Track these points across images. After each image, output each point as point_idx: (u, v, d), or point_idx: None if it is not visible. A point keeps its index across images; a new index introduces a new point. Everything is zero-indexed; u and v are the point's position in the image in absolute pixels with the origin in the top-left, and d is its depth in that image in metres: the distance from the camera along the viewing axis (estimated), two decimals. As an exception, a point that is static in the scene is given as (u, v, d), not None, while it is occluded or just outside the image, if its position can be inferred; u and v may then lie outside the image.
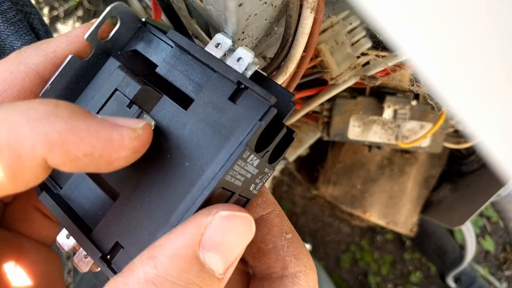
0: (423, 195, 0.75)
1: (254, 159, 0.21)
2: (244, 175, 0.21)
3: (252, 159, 0.20)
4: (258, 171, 0.22)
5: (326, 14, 0.39)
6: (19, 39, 0.40)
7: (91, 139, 0.17)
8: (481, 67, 0.12)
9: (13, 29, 0.39)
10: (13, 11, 0.39)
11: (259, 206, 0.25)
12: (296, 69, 0.32)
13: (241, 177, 0.21)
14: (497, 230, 1.22)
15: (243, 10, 0.24)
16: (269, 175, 0.24)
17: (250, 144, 0.19)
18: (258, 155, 0.21)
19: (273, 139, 0.22)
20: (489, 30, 0.11)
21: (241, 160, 0.20)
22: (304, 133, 0.68)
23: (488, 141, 0.13)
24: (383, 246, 1.21)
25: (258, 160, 0.21)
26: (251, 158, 0.20)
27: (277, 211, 0.25)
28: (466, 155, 0.71)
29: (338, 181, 0.74)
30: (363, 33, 0.41)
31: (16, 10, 0.39)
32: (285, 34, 0.28)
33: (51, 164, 0.17)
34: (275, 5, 0.26)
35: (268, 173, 0.23)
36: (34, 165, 0.16)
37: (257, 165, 0.21)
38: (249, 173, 0.21)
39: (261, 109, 0.19)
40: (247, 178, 0.21)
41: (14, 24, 0.39)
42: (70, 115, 0.17)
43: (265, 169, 0.23)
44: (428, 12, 0.11)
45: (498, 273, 1.19)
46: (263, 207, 0.25)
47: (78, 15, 1.18)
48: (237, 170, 0.20)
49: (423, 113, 0.53)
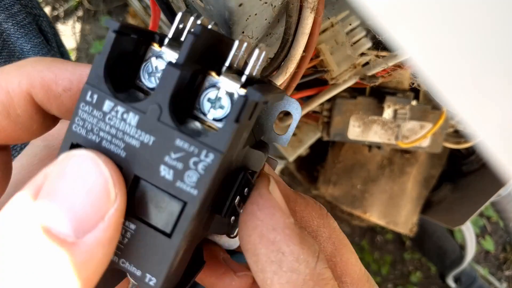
0: (423, 195, 0.75)
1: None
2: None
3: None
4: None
5: (326, 14, 0.39)
6: (28, 41, 0.40)
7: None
8: (481, 66, 0.12)
9: (23, 32, 0.39)
10: (23, 14, 0.39)
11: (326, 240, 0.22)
12: (296, 69, 0.32)
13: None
14: (497, 230, 1.22)
15: (243, 10, 0.24)
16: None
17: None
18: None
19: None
20: (488, 29, 0.11)
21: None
22: (304, 133, 0.68)
23: (488, 141, 0.13)
24: (383, 246, 1.21)
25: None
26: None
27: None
28: (466, 155, 0.71)
29: (338, 181, 0.74)
30: (363, 33, 0.41)
31: (26, 12, 0.40)
32: (285, 34, 0.28)
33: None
34: (275, 5, 0.26)
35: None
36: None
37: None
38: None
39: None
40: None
41: (24, 26, 0.39)
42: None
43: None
44: (427, 11, 0.11)
45: (498, 273, 1.19)
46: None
47: (78, 15, 1.18)
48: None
49: (423, 113, 0.53)
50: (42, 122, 0.20)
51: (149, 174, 0.17)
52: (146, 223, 0.18)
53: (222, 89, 0.18)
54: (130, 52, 0.18)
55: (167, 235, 0.17)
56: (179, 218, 0.17)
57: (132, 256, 0.18)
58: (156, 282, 0.18)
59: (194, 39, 0.17)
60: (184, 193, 0.17)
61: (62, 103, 0.19)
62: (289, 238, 0.18)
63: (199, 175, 0.17)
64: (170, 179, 0.17)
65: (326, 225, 0.23)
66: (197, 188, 0.17)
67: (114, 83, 0.18)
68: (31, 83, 0.18)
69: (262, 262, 0.18)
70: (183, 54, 0.17)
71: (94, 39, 1.17)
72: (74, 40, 1.18)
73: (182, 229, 0.17)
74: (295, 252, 0.18)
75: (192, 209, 0.17)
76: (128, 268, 0.18)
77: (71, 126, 0.18)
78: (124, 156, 0.17)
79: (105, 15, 1.18)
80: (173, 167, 0.17)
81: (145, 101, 0.17)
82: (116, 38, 0.17)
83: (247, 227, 0.19)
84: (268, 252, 0.18)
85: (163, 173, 0.17)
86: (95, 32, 1.18)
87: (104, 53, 0.17)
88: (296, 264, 0.18)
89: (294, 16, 0.26)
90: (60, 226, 0.15)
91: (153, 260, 0.18)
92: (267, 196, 0.19)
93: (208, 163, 0.16)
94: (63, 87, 0.19)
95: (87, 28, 1.18)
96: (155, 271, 0.18)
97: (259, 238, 0.18)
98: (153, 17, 0.34)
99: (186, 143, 0.17)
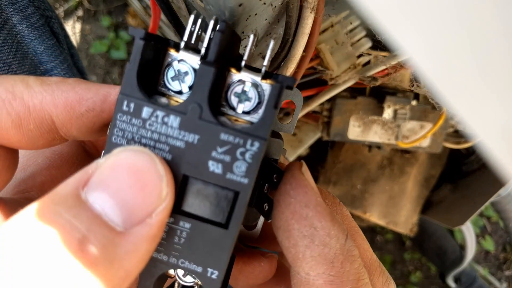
0: (423, 195, 0.75)
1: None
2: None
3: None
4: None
5: (326, 14, 0.39)
6: (42, 43, 0.40)
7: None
8: (481, 66, 0.12)
9: (37, 34, 0.40)
10: (37, 16, 0.40)
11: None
12: (296, 69, 0.32)
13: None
14: (497, 230, 1.22)
15: (243, 10, 0.24)
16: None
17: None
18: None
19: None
20: (489, 29, 0.11)
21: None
22: (304, 133, 0.68)
23: (488, 141, 0.13)
24: (383, 246, 1.21)
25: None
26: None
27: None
28: (466, 155, 0.71)
29: (338, 181, 0.74)
30: (363, 33, 0.41)
31: (39, 14, 0.40)
32: (285, 34, 0.28)
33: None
34: (275, 5, 0.26)
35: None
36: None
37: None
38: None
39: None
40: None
41: (37, 28, 0.40)
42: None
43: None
44: (428, 11, 0.11)
45: (498, 273, 1.19)
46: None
47: (78, 15, 1.18)
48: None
49: (423, 113, 0.53)
50: (49, 141, 0.20)
51: (198, 171, 0.18)
52: (201, 219, 0.18)
53: (247, 83, 0.19)
54: (151, 59, 0.19)
55: (224, 227, 0.18)
56: (233, 208, 0.18)
57: (191, 254, 0.19)
58: (218, 274, 0.19)
59: (221, 36, 0.18)
60: (235, 183, 0.18)
61: (84, 123, 0.19)
62: (321, 214, 0.19)
63: (247, 164, 0.18)
64: (220, 173, 0.18)
65: (339, 212, 0.23)
66: (247, 176, 0.18)
67: (145, 91, 0.18)
68: (54, 103, 0.19)
69: (295, 237, 0.19)
70: (213, 51, 0.18)
71: (94, 39, 1.17)
72: (74, 40, 1.18)
73: (237, 218, 0.18)
74: (326, 227, 0.19)
75: (245, 197, 0.18)
76: (188, 267, 0.19)
77: (110, 139, 0.18)
78: (170, 159, 0.18)
79: (105, 15, 1.18)
80: (221, 160, 0.18)
81: (184, 102, 0.18)
82: (144, 45, 0.17)
83: (280, 205, 0.19)
84: (301, 227, 0.19)
85: (212, 168, 0.18)
86: (95, 32, 1.18)
87: (134, 61, 0.18)
88: (327, 238, 0.19)
89: (294, 16, 0.26)
90: (111, 214, 0.16)
91: (212, 253, 0.18)
92: (300, 177, 0.20)
93: (254, 151, 0.17)
94: (86, 107, 0.19)
95: (87, 28, 1.18)
96: (215, 263, 0.19)
97: (292, 215, 0.19)
98: (154, 17, 0.34)
99: (231, 136, 0.17)
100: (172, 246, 0.19)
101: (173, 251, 0.19)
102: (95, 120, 0.19)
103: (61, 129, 0.20)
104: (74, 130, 0.20)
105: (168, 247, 0.19)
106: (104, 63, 1.17)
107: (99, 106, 0.19)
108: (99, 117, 0.19)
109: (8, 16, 0.38)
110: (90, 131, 0.20)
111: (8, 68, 0.37)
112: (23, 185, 0.22)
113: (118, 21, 1.18)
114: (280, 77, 0.18)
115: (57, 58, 0.42)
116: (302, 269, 0.19)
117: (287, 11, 0.26)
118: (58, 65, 0.42)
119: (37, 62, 0.41)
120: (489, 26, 0.11)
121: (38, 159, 0.23)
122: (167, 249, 0.19)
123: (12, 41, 0.38)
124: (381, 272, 0.23)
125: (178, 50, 0.19)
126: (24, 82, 0.19)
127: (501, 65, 0.11)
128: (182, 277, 0.20)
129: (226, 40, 0.19)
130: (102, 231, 0.15)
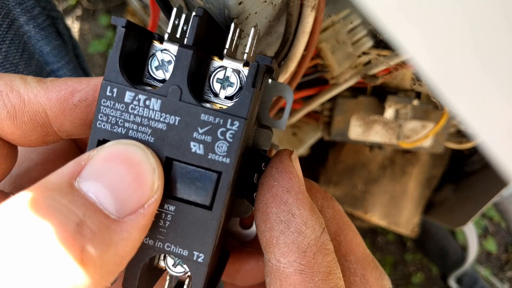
0: (425, 196, 0.75)
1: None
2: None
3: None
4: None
5: (326, 14, 0.39)
6: (48, 44, 0.40)
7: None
8: (483, 66, 0.11)
9: (43, 34, 0.40)
10: (43, 16, 0.40)
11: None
12: (297, 68, 0.32)
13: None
14: (499, 231, 1.21)
15: (243, 8, 0.24)
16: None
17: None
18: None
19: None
20: (491, 29, 0.11)
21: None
22: (305, 133, 0.67)
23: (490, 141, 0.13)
24: (384, 247, 1.20)
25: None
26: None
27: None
28: (468, 155, 0.71)
29: (339, 181, 0.74)
30: (364, 32, 0.41)
31: (45, 15, 0.40)
32: (286, 33, 0.27)
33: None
34: (275, 3, 0.26)
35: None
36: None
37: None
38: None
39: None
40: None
41: (44, 29, 0.40)
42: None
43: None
44: (430, 10, 0.11)
45: (500, 274, 1.19)
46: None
47: (77, 15, 1.18)
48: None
49: (425, 113, 0.52)
50: (43, 135, 0.20)
51: (180, 153, 0.18)
52: (185, 201, 0.19)
53: (229, 68, 0.19)
54: (134, 51, 0.19)
55: (208, 208, 0.18)
56: (216, 189, 0.18)
57: (176, 237, 0.19)
58: (204, 257, 0.19)
59: (198, 20, 0.18)
60: (217, 163, 0.18)
61: (77, 115, 0.20)
62: (301, 202, 0.19)
63: (228, 143, 0.18)
64: (202, 153, 0.18)
65: (331, 206, 0.23)
66: (229, 156, 0.18)
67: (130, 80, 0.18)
68: (48, 96, 0.19)
69: (271, 220, 0.19)
70: (191, 35, 0.19)
71: (93, 38, 1.17)
72: (75, 40, 1.18)
73: (221, 199, 0.18)
74: (304, 216, 0.19)
75: (228, 177, 0.18)
76: (174, 251, 0.19)
77: (95, 124, 0.18)
78: (152, 141, 0.18)
79: (103, 14, 1.17)
80: (202, 141, 0.18)
81: (164, 85, 0.18)
82: (126, 33, 0.18)
83: (263, 187, 0.20)
84: (278, 211, 0.19)
85: (193, 148, 0.18)
86: (93, 31, 1.18)
87: (116, 48, 0.18)
88: (303, 227, 0.19)
89: (294, 15, 0.26)
90: (105, 203, 0.16)
91: (197, 236, 0.19)
92: (287, 162, 0.20)
93: (235, 131, 0.18)
94: (79, 98, 0.20)
95: (86, 27, 1.18)
96: (201, 246, 0.19)
97: (272, 198, 0.19)
98: (153, 16, 0.34)
99: (211, 117, 0.18)
100: (158, 230, 0.19)
101: (159, 235, 0.19)
102: (88, 110, 0.20)
103: (55, 123, 0.20)
104: (67, 124, 0.20)
105: (153, 231, 0.19)
106: (102, 62, 1.17)
107: (91, 95, 0.20)
108: (91, 108, 0.20)
109: (15, 17, 0.38)
110: (84, 123, 0.20)
111: (15, 68, 0.38)
112: (19, 180, 0.23)
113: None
114: (258, 57, 0.18)
115: (63, 59, 0.42)
116: (274, 255, 0.19)
117: (288, 9, 0.26)
118: (64, 66, 0.42)
119: (44, 62, 0.41)
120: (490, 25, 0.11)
121: (32, 155, 0.24)
122: (152, 234, 0.19)
123: (19, 41, 0.38)
124: (374, 266, 0.23)
125: (162, 42, 0.20)
126: (23, 79, 0.20)
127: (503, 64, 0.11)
128: (173, 267, 0.20)
129: (204, 25, 0.19)
130: (98, 217, 0.16)
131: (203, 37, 0.20)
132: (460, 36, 0.11)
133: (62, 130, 0.20)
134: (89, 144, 0.19)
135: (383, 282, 0.23)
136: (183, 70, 0.18)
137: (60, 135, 0.21)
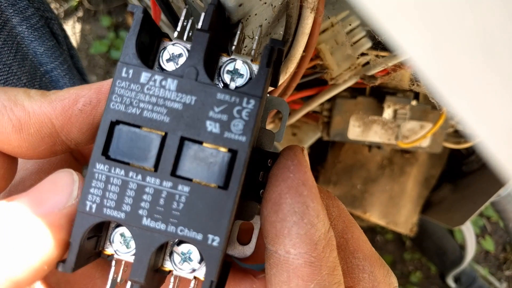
0: (423, 195, 0.75)
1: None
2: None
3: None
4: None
5: (326, 14, 0.39)
6: (42, 44, 0.40)
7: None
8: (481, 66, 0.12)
9: (37, 35, 0.40)
10: (36, 17, 0.40)
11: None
12: (296, 69, 0.32)
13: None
14: (497, 230, 1.21)
15: (243, 10, 0.24)
16: None
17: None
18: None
19: None
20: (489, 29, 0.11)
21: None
22: (304, 133, 0.68)
23: (488, 141, 0.13)
24: (383, 246, 1.21)
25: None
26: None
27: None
28: (466, 155, 0.71)
29: (338, 181, 0.74)
30: (363, 33, 0.41)
31: (39, 16, 0.40)
32: (285, 34, 0.28)
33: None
34: (275, 5, 0.26)
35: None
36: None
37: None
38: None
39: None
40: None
41: (37, 30, 0.40)
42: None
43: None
44: (428, 11, 0.11)
45: (498, 273, 1.19)
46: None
47: (78, 16, 1.18)
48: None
49: (423, 113, 0.53)
50: (51, 146, 0.20)
51: (196, 132, 0.18)
52: (199, 182, 0.18)
53: (238, 60, 0.20)
54: (146, 45, 0.20)
55: (223, 188, 0.18)
56: (231, 168, 0.18)
57: (190, 220, 0.18)
58: (219, 241, 0.18)
59: (213, 8, 0.19)
60: (232, 141, 0.18)
61: (83, 119, 0.20)
62: (315, 196, 0.19)
63: (244, 121, 0.18)
64: (218, 132, 0.18)
65: (335, 205, 0.23)
66: (245, 134, 0.18)
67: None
68: (52, 106, 0.20)
69: (284, 211, 0.19)
70: (206, 20, 0.19)
71: (94, 39, 1.17)
72: (74, 40, 1.18)
73: (237, 178, 0.18)
74: (317, 209, 0.19)
75: (244, 155, 0.18)
76: (188, 235, 0.18)
77: (108, 105, 0.19)
78: (168, 121, 0.18)
79: (105, 15, 1.18)
80: (218, 120, 0.18)
81: (180, 66, 0.19)
82: (143, 18, 0.19)
83: (277, 179, 0.20)
84: (293, 203, 0.19)
85: (209, 127, 0.18)
86: (95, 32, 1.18)
87: (133, 31, 0.19)
88: (316, 220, 0.19)
89: (294, 16, 0.26)
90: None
91: (212, 218, 0.18)
92: (302, 156, 0.20)
93: (251, 109, 0.18)
94: (83, 102, 0.20)
95: (87, 28, 1.18)
96: (216, 229, 0.18)
97: (288, 189, 0.19)
98: (154, 17, 0.34)
99: (227, 95, 0.18)
100: (170, 213, 0.18)
101: (172, 218, 0.18)
102: (93, 113, 0.20)
103: (62, 132, 0.20)
104: (75, 131, 0.20)
105: (166, 215, 0.18)
106: (104, 63, 1.17)
107: (95, 98, 0.20)
108: (97, 110, 0.20)
109: (8, 18, 0.38)
110: (91, 127, 0.20)
111: (8, 69, 0.37)
112: (13, 189, 0.23)
113: (118, 21, 1.18)
114: (271, 40, 0.19)
115: (57, 59, 0.42)
116: (284, 247, 0.19)
117: (287, 11, 0.26)
118: (58, 66, 0.42)
119: (37, 63, 0.41)
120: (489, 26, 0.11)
121: (27, 164, 0.24)
122: (165, 217, 0.18)
123: (12, 42, 0.38)
124: (382, 264, 0.23)
125: (171, 40, 0.20)
126: (26, 92, 0.20)
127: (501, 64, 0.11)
128: (179, 265, 0.20)
129: (217, 15, 0.20)
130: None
131: (214, 28, 0.20)
132: (459, 36, 0.11)
133: (70, 138, 0.20)
134: (101, 127, 0.19)
135: (390, 279, 0.23)
136: (200, 51, 0.18)
137: (68, 144, 0.21)
